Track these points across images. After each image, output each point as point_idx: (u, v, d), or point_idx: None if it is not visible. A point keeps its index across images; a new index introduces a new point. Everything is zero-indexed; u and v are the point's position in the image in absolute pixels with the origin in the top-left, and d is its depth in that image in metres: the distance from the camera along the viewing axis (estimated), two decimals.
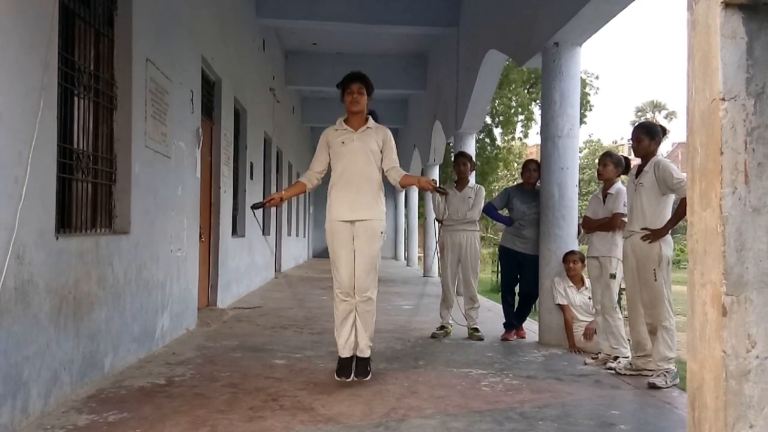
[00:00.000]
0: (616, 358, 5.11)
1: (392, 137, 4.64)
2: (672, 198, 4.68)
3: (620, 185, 5.37)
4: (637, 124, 4.99)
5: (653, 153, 4.74)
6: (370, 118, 4.60)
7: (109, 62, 4.74)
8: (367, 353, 4.47)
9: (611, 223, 5.24)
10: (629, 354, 5.13)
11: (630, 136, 4.93)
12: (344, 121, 4.59)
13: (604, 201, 5.36)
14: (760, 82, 1.98)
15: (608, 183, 5.39)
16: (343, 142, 4.48)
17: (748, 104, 1.97)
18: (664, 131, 4.90)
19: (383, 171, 4.58)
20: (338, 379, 4.37)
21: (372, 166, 4.47)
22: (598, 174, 5.46)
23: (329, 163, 4.61)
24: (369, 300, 4.44)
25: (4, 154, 3.12)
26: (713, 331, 1.98)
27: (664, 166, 4.61)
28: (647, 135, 4.76)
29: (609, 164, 5.34)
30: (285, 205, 15.90)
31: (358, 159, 4.44)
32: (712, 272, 2.00)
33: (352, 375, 4.39)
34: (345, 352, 4.43)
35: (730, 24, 1.97)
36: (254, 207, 4.68)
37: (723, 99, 1.97)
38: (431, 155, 15.10)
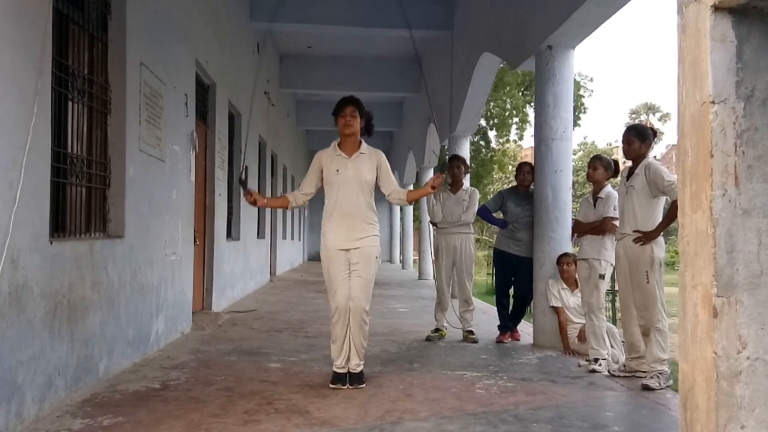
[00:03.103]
0: (596, 360, 5.12)
1: (386, 159, 4.70)
2: (663, 200, 4.70)
3: (610, 189, 5.39)
4: (627, 126, 5.01)
5: (644, 155, 4.76)
6: (363, 143, 4.64)
7: (103, 66, 4.75)
8: (359, 369, 4.50)
9: (601, 227, 5.25)
10: (608, 356, 5.17)
11: (621, 139, 4.95)
12: (338, 145, 4.62)
13: (594, 204, 5.38)
14: (750, 85, 1.99)
15: (598, 186, 5.40)
16: (337, 170, 4.51)
17: (738, 107, 1.98)
18: (654, 133, 4.92)
19: (385, 195, 4.67)
20: (333, 387, 4.39)
21: (365, 194, 4.53)
22: (588, 177, 5.48)
23: (319, 187, 4.68)
24: (363, 321, 4.48)
25: None
26: (704, 333, 2.00)
27: (655, 168, 4.63)
28: (638, 137, 4.78)
29: (599, 167, 5.36)
30: (280, 209, 15.88)
31: (352, 189, 4.49)
32: (702, 274, 2.01)
33: (347, 384, 4.42)
34: (341, 369, 4.47)
35: (719, 27, 1.99)
36: (240, 182, 4.76)
37: (713, 102, 1.98)
38: (426, 158, 15.12)
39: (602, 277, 5.23)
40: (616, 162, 5.46)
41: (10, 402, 3.21)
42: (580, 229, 5.47)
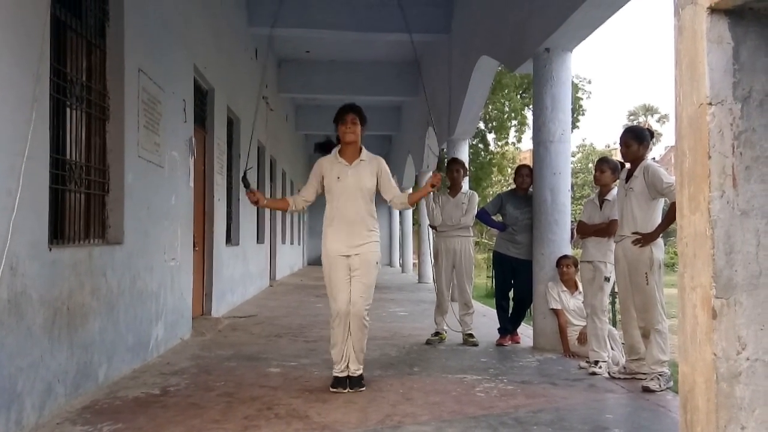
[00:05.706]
0: (596, 362, 5.12)
1: (386, 165, 4.76)
2: (661, 202, 4.70)
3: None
4: (624, 128, 5.01)
5: (642, 157, 4.76)
6: (364, 149, 4.68)
7: (101, 73, 4.75)
8: (359, 372, 4.53)
9: (608, 229, 5.23)
10: (608, 358, 5.16)
11: (618, 141, 4.95)
12: (339, 152, 4.65)
13: (600, 206, 5.37)
14: (747, 86, 1.99)
15: (605, 188, 5.39)
16: (338, 177, 4.56)
17: (735, 108, 1.99)
18: (652, 135, 4.92)
19: (387, 201, 4.72)
20: (333, 390, 4.41)
21: (366, 201, 4.59)
22: (595, 179, 5.47)
23: (319, 193, 4.73)
24: (363, 325, 4.51)
25: None
26: (704, 334, 2.00)
27: (654, 170, 4.63)
28: (636, 139, 4.78)
29: (606, 170, 5.35)
30: (280, 213, 15.88)
31: (353, 196, 4.54)
32: (701, 275, 2.01)
33: (347, 388, 4.44)
34: (341, 373, 4.50)
35: (716, 29, 1.99)
36: (243, 180, 4.67)
37: (710, 103, 1.99)
38: (425, 161, 15.11)
39: (608, 279, 5.23)
40: (622, 164, 5.45)
41: (9, 409, 3.20)
42: (584, 231, 5.45)
